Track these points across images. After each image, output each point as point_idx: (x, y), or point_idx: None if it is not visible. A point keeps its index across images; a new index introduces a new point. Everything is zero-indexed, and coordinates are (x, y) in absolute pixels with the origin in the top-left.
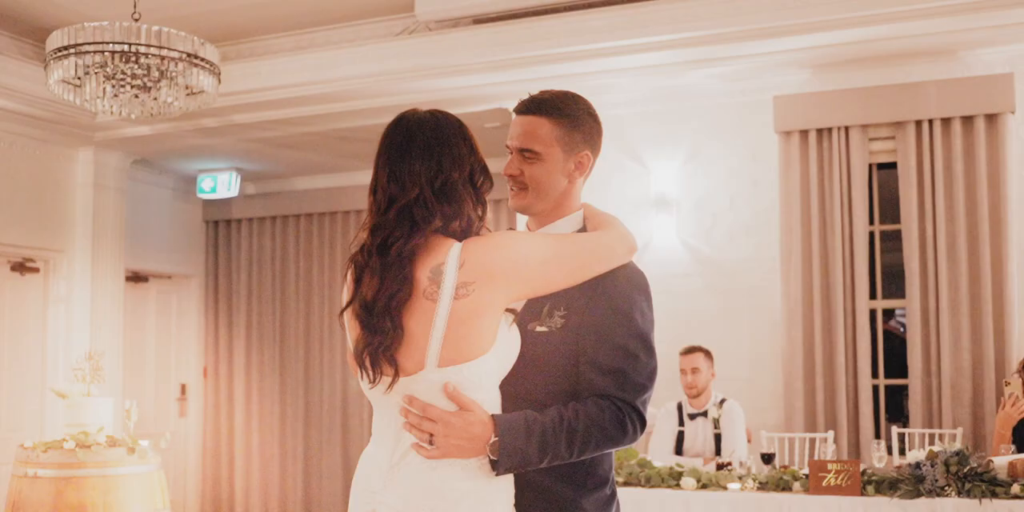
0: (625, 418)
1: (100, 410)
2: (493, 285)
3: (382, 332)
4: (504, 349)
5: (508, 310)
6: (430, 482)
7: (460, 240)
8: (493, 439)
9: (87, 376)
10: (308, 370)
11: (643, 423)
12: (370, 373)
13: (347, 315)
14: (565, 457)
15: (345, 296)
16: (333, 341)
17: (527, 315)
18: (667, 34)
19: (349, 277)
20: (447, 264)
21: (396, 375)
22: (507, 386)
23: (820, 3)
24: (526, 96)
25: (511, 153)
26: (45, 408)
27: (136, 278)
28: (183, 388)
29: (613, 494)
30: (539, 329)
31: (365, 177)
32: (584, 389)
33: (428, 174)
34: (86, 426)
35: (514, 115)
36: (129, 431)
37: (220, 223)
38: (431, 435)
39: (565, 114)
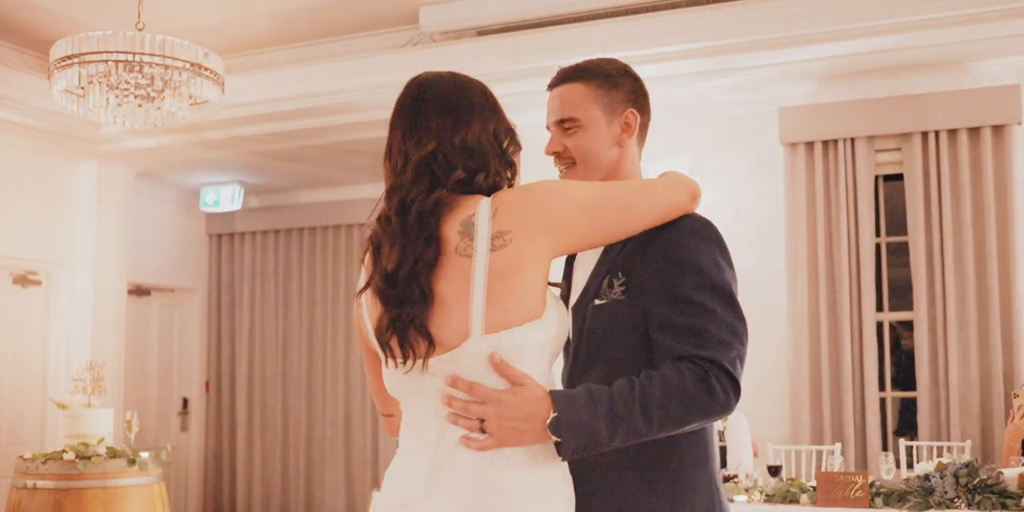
0: (711, 379)
1: (101, 421)
2: (530, 234)
3: (410, 301)
4: (554, 320)
5: (552, 284)
6: (487, 480)
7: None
8: (552, 415)
9: (88, 386)
10: (311, 385)
11: (736, 387)
12: (398, 352)
13: (366, 298)
14: (643, 430)
15: (363, 279)
16: (336, 355)
17: (587, 296)
18: (672, 45)
19: (367, 257)
20: (479, 214)
21: (430, 350)
22: (578, 374)
23: (826, 14)
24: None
25: (551, 133)
26: (46, 421)
27: (138, 291)
28: (185, 402)
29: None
30: (598, 302)
31: (370, 190)
32: (660, 357)
33: (445, 128)
34: (87, 437)
35: (549, 93)
36: (130, 442)
37: (223, 236)
38: (482, 421)
39: (599, 75)
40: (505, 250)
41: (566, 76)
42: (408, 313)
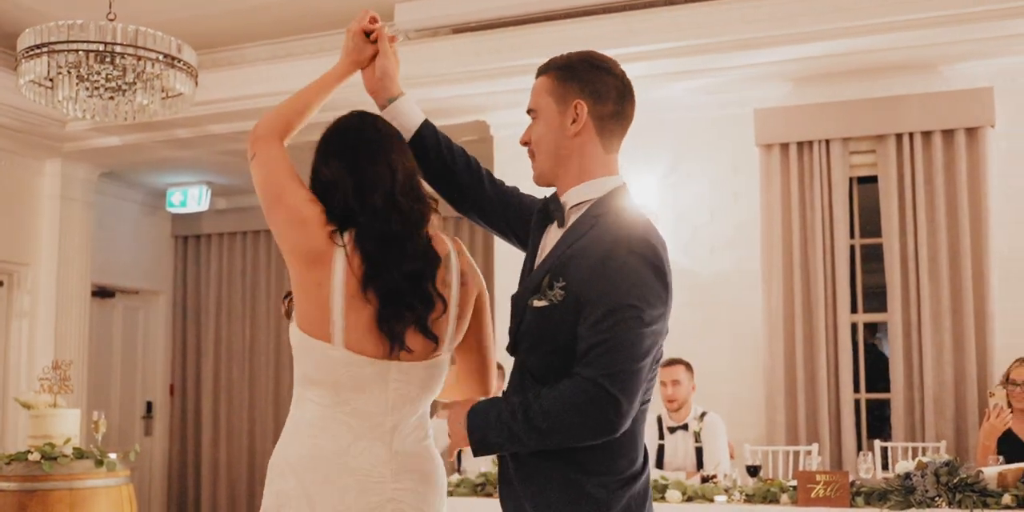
0: (583, 398)
1: (67, 421)
2: (475, 287)
3: (425, 303)
4: None
5: None
6: (435, 463)
7: None
8: (465, 423)
9: (54, 386)
10: (279, 387)
11: (614, 404)
12: (401, 344)
13: (352, 290)
14: (530, 442)
15: (342, 270)
16: None
17: (526, 290)
18: (648, 45)
19: (349, 245)
20: (451, 252)
21: (433, 349)
22: (520, 360)
23: (801, 15)
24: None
25: None
26: (6, 422)
27: (102, 293)
28: (149, 406)
29: (631, 481)
30: (537, 304)
31: None
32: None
33: (405, 164)
34: (52, 438)
35: None
36: (97, 443)
37: (189, 238)
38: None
39: (561, 67)
40: (465, 288)
41: (539, 69)
42: (430, 312)
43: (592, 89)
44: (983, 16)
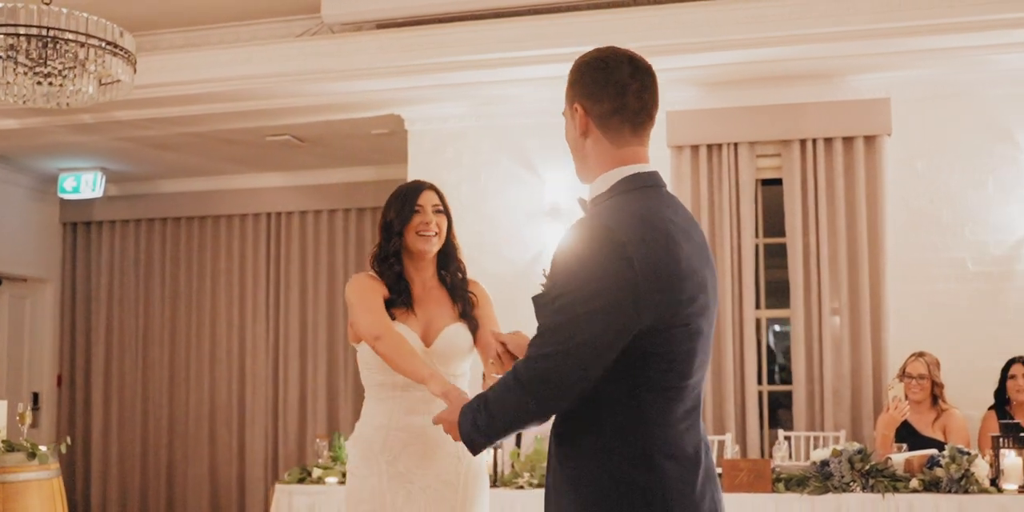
0: (512, 382)
1: None
2: None
3: None
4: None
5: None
6: None
7: None
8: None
9: None
10: (173, 379)
11: (524, 387)
12: None
13: None
14: (495, 430)
15: None
16: (201, 350)
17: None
18: (566, 47)
19: None
20: None
21: None
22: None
23: (714, 24)
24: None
25: None
26: None
27: None
28: (35, 397)
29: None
30: (534, 296)
31: (239, 181)
32: None
33: None
34: None
35: None
36: (23, 435)
37: (79, 225)
38: None
39: (571, 70)
40: None
41: None
42: None
43: (588, 91)
44: (883, 33)
